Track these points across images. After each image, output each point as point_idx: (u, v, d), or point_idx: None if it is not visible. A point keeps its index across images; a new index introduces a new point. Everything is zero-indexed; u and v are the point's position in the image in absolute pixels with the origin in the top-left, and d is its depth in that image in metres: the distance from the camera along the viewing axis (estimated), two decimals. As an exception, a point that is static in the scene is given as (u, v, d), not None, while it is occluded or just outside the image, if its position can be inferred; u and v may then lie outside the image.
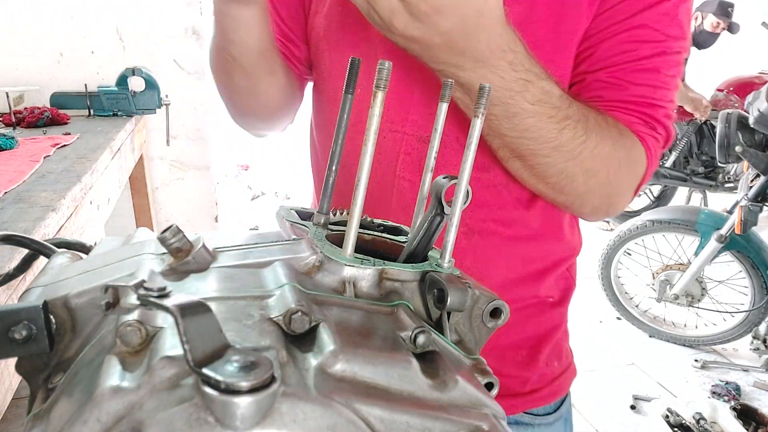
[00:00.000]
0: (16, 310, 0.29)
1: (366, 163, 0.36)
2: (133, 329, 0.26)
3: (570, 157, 0.60)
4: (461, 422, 0.27)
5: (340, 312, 0.33)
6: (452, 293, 0.36)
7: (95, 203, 1.22)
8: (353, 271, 0.37)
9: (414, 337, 0.32)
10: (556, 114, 0.57)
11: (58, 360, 0.31)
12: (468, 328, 0.41)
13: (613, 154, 0.64)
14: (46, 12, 2.07)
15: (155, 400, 0.23)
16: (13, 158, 1.26)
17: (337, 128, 0.44)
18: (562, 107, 0.58)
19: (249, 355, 0.23)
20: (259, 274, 0.35)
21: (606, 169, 0.64)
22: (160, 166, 2.34)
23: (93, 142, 1.49)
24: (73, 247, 0.45)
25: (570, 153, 0.60)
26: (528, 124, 0.57)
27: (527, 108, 0.55)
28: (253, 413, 0.21)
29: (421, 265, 0.41)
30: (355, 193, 0.37)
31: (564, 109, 0.58)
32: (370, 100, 0.34)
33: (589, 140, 0.60)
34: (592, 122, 0.61)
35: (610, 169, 0.64)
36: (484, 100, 0.39)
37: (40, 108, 1.74)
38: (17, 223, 0.85)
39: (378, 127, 0.35)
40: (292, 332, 0.30)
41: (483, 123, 0.39)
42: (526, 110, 0.55)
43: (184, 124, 2.25)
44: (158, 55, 2.18)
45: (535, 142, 0.58)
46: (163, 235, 0.34)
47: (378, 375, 0.28)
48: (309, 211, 0.48)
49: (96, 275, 0.34)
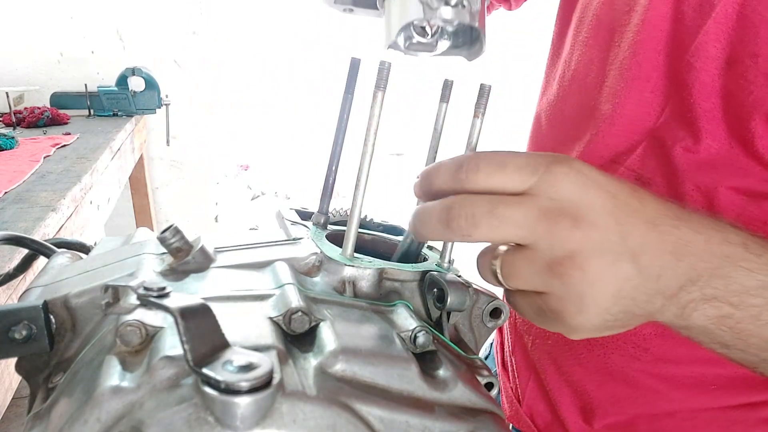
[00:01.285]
0: (16, 310, 0.29)
1: (366, 162, 0.36)
2: (133, 329, 0.26)
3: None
4: (461, 422, 0.27)
5: (340, 312, 0.33)
6: (452, 293, 0.36)
7: (95, 203, 1.22)
8: (353, 271, 0.37)
9: (414, 337, 0.32)
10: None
11: (58, 360, 0.31)
12: (468, 328, 0.41)
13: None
14: (46, 12, 2.07)
15: (155, 399, 0.23)
16: (13, 158, 1.26)
17: (337, 128, 0.44)
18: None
19: (249, 355, 0.23)
20: (259, 274, 0.35)
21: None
22: (160, 166, 2.34)
23: (93, 142, 1.49)
24: (73, 247, 0.45)
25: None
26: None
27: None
28: (253, 413, 0.21)
29: (421, 265, 0.41)
30: (355, 193, 0.37)
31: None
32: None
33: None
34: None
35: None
36: (484, 100, 0.39)
37: (40, 108, 1.74)
38: (17, 223, 0.85)
39: (378, 127, 0.35)
40: (292, 332, 0.30)
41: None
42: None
43: (184, 124, 2.26)
44: (158, 55, 2.18)
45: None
46: (163, 235, 0.34)
47: (378, 375, 0.28)
48: (309, 211, 0.48)
49: (96, 275, 0.34)
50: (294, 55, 2.25)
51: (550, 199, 0.32)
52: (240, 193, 2.45)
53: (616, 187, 0.33)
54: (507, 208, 0.32)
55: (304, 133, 2.34)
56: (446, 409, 0.28)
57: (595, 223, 0.31)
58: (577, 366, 0.57)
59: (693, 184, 0.48)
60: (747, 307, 0.33)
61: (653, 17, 0.49)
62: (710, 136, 0.46)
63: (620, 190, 0.33)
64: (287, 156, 2.40)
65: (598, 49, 0.55)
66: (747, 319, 0.33)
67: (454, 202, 0.33)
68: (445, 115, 0.44)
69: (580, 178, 0.32)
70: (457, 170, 0.33)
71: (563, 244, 0.31)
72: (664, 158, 0.49)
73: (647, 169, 0.51)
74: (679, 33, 0.48)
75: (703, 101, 0.46)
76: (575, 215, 0.31)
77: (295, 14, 2.20)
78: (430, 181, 0.35)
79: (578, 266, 0.31)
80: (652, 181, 0.50)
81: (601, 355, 0.55)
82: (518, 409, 0.65)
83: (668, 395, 0.53)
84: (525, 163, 0.32)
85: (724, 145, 0.46)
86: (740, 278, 0.33)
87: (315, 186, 2.42)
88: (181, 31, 2.19)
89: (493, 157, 0.33)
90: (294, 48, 2.24)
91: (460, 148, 0.40)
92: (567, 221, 0.31)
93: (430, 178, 0.35)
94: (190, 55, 2.22)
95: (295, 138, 2.36)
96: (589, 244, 0.31)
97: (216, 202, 2.45)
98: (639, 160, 0.51)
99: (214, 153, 2.37)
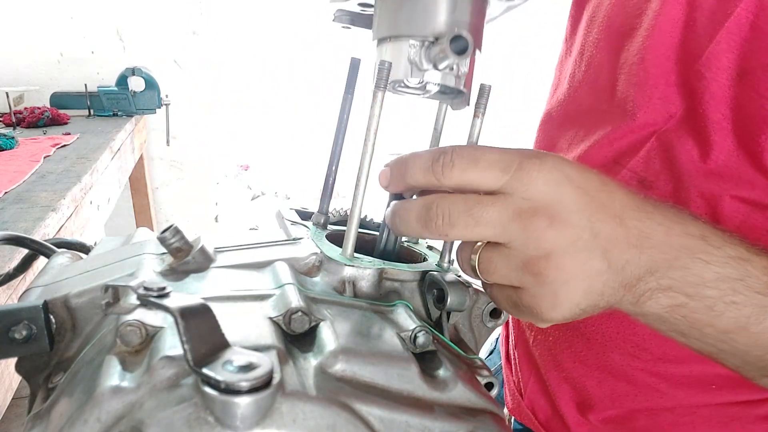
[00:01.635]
0: (16, 310, 0.29)
1: (366, 162, 0.36)
2: (133, 329, 0.26)
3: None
4: (461, 422, 0.27)
5: (340, 312, 0.33)
6: (452, 293, 0.36)
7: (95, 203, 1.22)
8: (353, 271, 0.37)
9: (414, 337, 0.32)
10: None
11: (58, 360, 0.31)
12: (468, 328, 0.41)
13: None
14: (46, 12, 2.07)
15: (155, 399, 0.23)
16: (13, 158, 1.26)
17: (337, 129, 0.44)
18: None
19: (249, 355, 0.23)
20: (259, 274, 0.35)
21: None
22: (160, 166, 2.34)
23: (93, 142, 1.49)
24: (73, 247, 0.45)
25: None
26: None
27: (763, 303, 0.34)
28: (253, 413, 0.21)
29: (421, 265, 0.41)
30: (355, 193, 0.37)
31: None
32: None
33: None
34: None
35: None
36: (484, 100, 0.39)
37: (40, 108, 1.74)
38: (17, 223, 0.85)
39: (378, 127, 0.35)
40: (292, 332, 0.30)
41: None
42: (763, 306, 0.34)
43: (184, 124, 2.26)
44: (158, 55, 2.18)
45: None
46: (163, 235, 0.34)
47: (378, 375, 0.28)
48: (309, 211, 0.48)
49: (96, 275, 0.34)
50: (294, 55, 2.25)
51: (524, 199, 0.32)
52: (240, 193, 2.45)
53: (587, 182, 0.33)
54: (482, 209, 0.32)
55: (304, 133, 2.34)
56: (446, 409, 0.28)
57: (568, 221, 0.32)
58: (576, 363, 0.57)
59: (697, 191, 0.47)
60: (702, 297, 0.34)
61: (664, 23, 0.48)
62: (718, 146, 0.45)
63: (590, 185, 0.33)
64: (287, 156, 2.40)
65: (608, 51, 0.55)
66: (701, 309, 0.34)
67: (431, 202, 0.34)
68: (445, 115, 0.44)
69: (552, 175, 0.32)
70: (433, 163, 0.34)
71: (537, 244, 0.32)
72: (669, 163, 0.49)
73: (650, 172, 0.50)
74: (690, 41, 0.47)
75: (712, 111, 0.45)
76: (549, 214, 0.32)
77: (295, 14, 2.20)
78: (403, 172, 0.35)
79: (553, 265, 0.32)
80: (655, 184, 0.50)
81: (600, 353, 0.55)
82: (520, 402, 0.65)
83: (667, 393, 0.53)
84: (497, 160, 0.33)
85: (732, 156, 0.45)
86: (697, 270, 0.34)
87: (315, 186, 2.42)
88: (181, 31, 2.19)
89: (468, 152, 0.33)
90: (294, 48, 2.24)
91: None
92: (541, 221, 0.32)
93: (405, 168, 0.35)
94: (190, 55, 2.22)
95: (295, 138, 2.36)
96: (563, 243, 0.32)
97: (216, 202, 2.45)
98: (642, 163, 0.51)
99: (214, 153, 2.37)
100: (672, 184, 0.49)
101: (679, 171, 0.48)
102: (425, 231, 0.34)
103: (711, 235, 0.35)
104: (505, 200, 0.33)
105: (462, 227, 0.33)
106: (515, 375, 0.67)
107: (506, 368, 0.71)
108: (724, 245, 0.34)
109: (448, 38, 0.34)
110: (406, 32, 0.36)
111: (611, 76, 0.54)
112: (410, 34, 0.36)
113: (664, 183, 0.49)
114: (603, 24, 0.56)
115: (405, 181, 0.35)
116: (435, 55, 0.35)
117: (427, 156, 0.34)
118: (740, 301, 0.34)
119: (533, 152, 0.33)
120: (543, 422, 0.62)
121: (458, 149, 0.34)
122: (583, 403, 0.58)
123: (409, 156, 0.35)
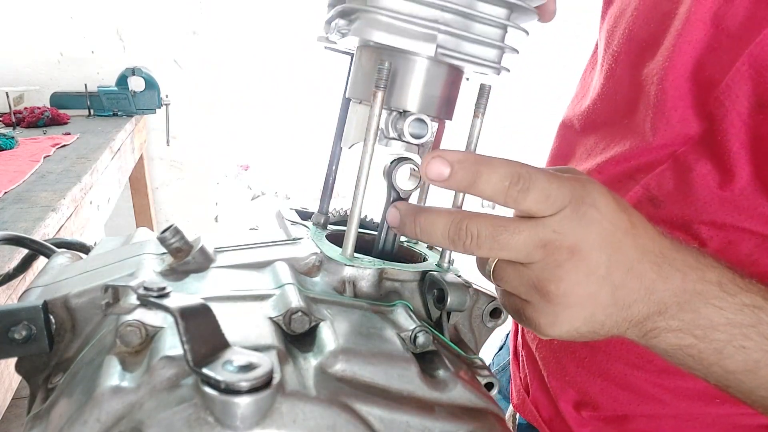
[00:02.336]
0: (16, 310, 0.29)
1: (366, 162, 0.36)
2: (133, 329, 0.26)
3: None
4: (461, 422, 0.27)
5: (340, 312, 0.33)
6: (452, 293, 0.36)
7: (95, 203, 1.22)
8: (353, 271, 0.37)
9: (414, 337, 0.32)
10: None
11: (58, 360, 0.31)
12: (468, 328, 0.41)
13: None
14: (46, 12, 2.07)
15: (155, 400, 0.23)
16: (13, 158, 1.26)
17: (337, 128, 0.44)
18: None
19: (249, 355, 0.23)
20: (259, 274, 0.35)
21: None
22: (160, 166, 2.34)
23: (93, 142, 1.49)
24: (73, 247, 0.45)
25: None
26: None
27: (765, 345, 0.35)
28: (253, 413, 0.21)
29: (421, 265, 0.41)
30: (355, 193, 0.37)
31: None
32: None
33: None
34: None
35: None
36: (484, 100, 0.39)
37: (40, 108, 1.74)
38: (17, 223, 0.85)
39: (378, 127, 0.35)
40: (292, 332, 0.30)
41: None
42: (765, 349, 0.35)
43: (184, 124, 2.26)
44: (158, 55, 2.18)
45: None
46: (163, 235, 0.34)
47: (378, 375, 0.28)
48: (309, 211, 0.48)
49: (96, 275, 0.34)
50: (294, 55, 2.25)
51: (554, 232, 0.33)
52: (240, 193, 2.45)
53: (617, 222, 0.34)
54: (510, 236, 0.33)
55: (304, 133, 2.34)
56: (446, 409, 0.28)
57: (588, 257, 0.33)
58: (579, 368, 0.57)
59: (709, 218, 0.47)
60: (710, 340, 0.35)
61: (684, 44, 0.47)
62: (734, 176, 0.45)
63: (619, 225, 0.34)
64: (287, 156, 2.40)
65: (628, 66, 0.54)
66: (709, 350, 0.35)
67: (461, 221, 0.34)
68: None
69: (588, 215, 0.33)
70: (510, 185, 0.33)
71: (553, 271, 0.34)
72: (683, 185, 0.48)
73: (662, 191, 0.50)
74: (711, 64, 0.46)
75: (730, 140, 0.45)
76: (571, 248, 0.33)
77: (295, 14, 2.20)
78: (475, 178, 0.33)
79: (562, 291, 0.34)
80: (665, 204, 0.49)
81: (603, 361, 0.55)
82: (525, 399, 0.65)
83: (671, 403, 0.53)
84: (561, 200, 0.33)
85: (748, 187, 0.45)
86: (709, 314, 0.35)
87: (315, 186, 2.42)
88: (181, 31, 2.19)
89: (542, 184, 0.33)
90: (294, 48, 2.24)
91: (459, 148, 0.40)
92: (563, 254, 0.33)
93: (479, 174, 0.33)
94: (190, 55, 2.22)
95: (295, 138, 2.36)
96: (576, 274, 0.33)
97: (216, 202, 2.45)
98: (656, 181, 0.50)
99: (214, 153, 2.37)
100: (683, 206, 0.48)
101: (694, 195, 0.48)
102: (450, 246, 0.35)
103: (728, 282, 0.35)
104: (535, 228, 0.33)
105: (488, 250, 0.34)
106: (522, 372, 0.67)
107: (514, 365, 0.71)
108: (739, 292, 0.35)
109: (408, 121, 0.35)
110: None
111: (631, 93, 0.53)
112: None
113: (675, 204, 0.49)
114: (624, 37, 0.55)
115: (476, 186, 0.34)
116: (400, 127, 0.36)
117: (505, 174, 0.33)
118: (750, 346, 0.35)
119: (589, 194, 0.34)
120: (546, 420, 0.62)
121: (534, 176, 0.33)
122: (584, 404, 0.58)
123: (485, 159, 0.34)
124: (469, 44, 0.35)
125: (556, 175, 0.34)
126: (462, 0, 0.33)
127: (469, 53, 0.35)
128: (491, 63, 0.36)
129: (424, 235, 0.35)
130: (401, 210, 0.37)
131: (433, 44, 0.34)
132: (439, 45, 0.34)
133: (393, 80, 0.36)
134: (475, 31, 0.35)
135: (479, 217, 0.34)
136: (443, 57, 0.34)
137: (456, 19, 0.34)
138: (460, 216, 0.34)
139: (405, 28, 0.33)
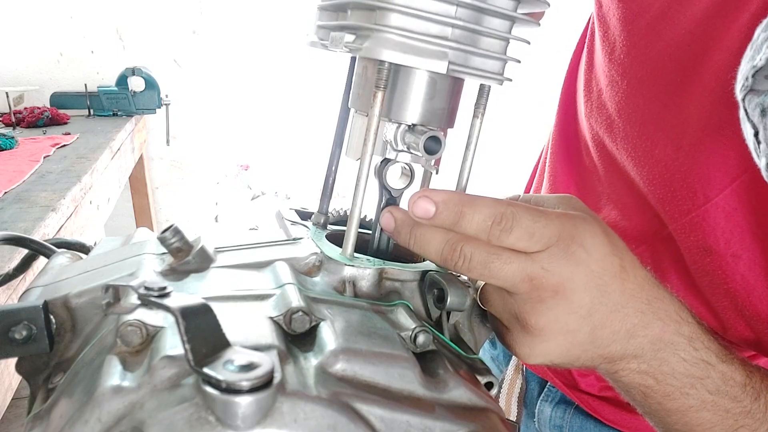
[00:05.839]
0: (16, 310, 0.29)
1: (366, 162, 0.36)
2: (133, 329, 0.26)
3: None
4: (461, 422, 0.27)
5: (340, 312, 0.33)
6: (452, 293, 0.36)
7: (95, 203, 1.22)
8: (353, 271, 0.37)
9: (414, 337, 0.32)
10: (734, 407, 0.42)
11: (58, 360, 0.31)
12: (468, 328, 0.41)
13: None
14: (46, 12, 2.07)
15: (156, 399, 0.23)
16: (13, 158, 1.26)
17: (337, 129, 0.44)
18: (743, 400, 0.42)
19: (249, 355, 0.23)
20: (260, 274, 0.35)
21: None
22: (160, 166, 2.34)
23: (93, 142, 1.49)
24: (73, 247, 0.45)
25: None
26: (702, 418, 0.41)
27: (706, 399, 0.40)
28: (254, 412, 0.21)
29: (421, 265, 0.41)
30: (355, 193, 0.37)
31: (746, 402, 0.42)
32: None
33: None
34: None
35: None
36: (484, 100, 0.39)
37: (40, 108, 1.74)
38: (17, 223, 0.85)
39: (378, 127, 0.35)
40: (292, 332, 0.30)
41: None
42: (705, 402, 0.40)
43: (184, 124, 2.26)
44: (158, 54, 2.18)
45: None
46: (163, 235, 0.34)
47: (378, 374, 0.28)
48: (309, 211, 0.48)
49: (96, 275, 0.34)
50: (294, 54, 2.25)
51: (543, 269, 0.34)
52: (240, 193, 2.45)
53: (606, 266, 0.36)
54: (501, 266, 0.34)
55: (304, 133, 2.34)
56: (447, 409, 0.28)
57: (571, 297, 0.35)
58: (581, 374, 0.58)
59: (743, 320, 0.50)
60: (666, 384, 0.39)
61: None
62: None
63: (607, 269, 0.36)
64: (287, 156, 2.40)
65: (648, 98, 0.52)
66: (660, 392, 0.39)
67: (456, 243, 0.35)
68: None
69: (576, 255, 0.34)
70: (493, 225, 0.34)
71: (534, 305, 0.35)
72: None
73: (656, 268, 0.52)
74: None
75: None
76: (556, 287, 0.34)
77: (296, 14, 2.20)
78: (458, 218, 0.34)
79: (541, 324, 0.35)
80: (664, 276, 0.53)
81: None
82: None
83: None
84: (544, 235, 0.34)
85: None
86: (674, 364, 0.38)
87: (315, 186, 2.42)
88: (181, 31, 2.19)
89: (526, 223, 0.34)
90: (294, 48, 2.24)
91: (459, 148, 0.40)
92: (547, 291, 0.34)
93: (463, 215, 0.34)
94: (190, 55, 2.22)
95: (295, 138, 2.36)
96: (556, 311, 0.35)
97: (216, 202, 2.45)
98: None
99: (214, 153, 2.37)
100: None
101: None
102: (441, 263, 0.36)
103: (696, 339, 0.39)
104: (525, 262, 0.34)
105: (478, 274, 0.35)
106: None
107: None
108: (701, 349, 0.39)
109: (423, 138, 0.35)
110: (384, 114, 0.36)
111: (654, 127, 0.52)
112: (386, 116, 0.37)
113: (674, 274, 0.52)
114: (635, 76, 0.53)
115: (460, 225, 0.35)
116: (409, 141, 0.37)
117: (489, 215, 0.34)
118: (692, 394, 0.39)
119: (580, 234, 0.35)
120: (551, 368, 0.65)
121: (518, 215, 0.34)
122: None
123: (468, 198, 0.35)
124: (476, 58, 0.36)
125: (544, 213, 0.34)
126: (470, 15, 0.34)
127: (477, 67, 0.36)
128: (497, 75, 0.36)
129: (418, 248, 0.36)
130: (397, 219, 0.37)
131: (445, 61, 0.34)
132: (450, 61, 0.34)
133: (401, 94, 0.36)
134: (482, 45, 0.36)
135: (475, 242, 0.34)
136: (453, 72, 0.35)
137: (464, 35, 0.35)
138: (457, 237, 0.35)
139: (417, 46, 0.33)
